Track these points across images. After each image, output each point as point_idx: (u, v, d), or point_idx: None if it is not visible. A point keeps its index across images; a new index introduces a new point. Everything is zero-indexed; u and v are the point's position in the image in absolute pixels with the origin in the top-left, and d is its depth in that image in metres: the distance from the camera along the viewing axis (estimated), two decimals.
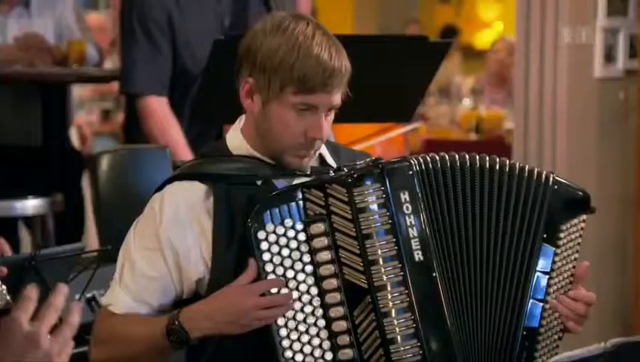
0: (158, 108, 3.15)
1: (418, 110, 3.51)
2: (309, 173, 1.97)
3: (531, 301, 1.96)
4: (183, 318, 1.85)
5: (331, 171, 1.93)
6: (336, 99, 1.91)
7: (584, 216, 2.02)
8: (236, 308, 1.83)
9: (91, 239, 3.51)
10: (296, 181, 1.96)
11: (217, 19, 3.21)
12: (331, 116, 1.94)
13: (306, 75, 1.86)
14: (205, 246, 1.91)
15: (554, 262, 1.98)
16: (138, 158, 2.96)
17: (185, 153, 3.10)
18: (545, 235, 1.97)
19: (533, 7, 3.91)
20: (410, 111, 2.97)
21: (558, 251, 1.98)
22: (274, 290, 1.85)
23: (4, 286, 1.23)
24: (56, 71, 3.72)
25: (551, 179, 1.98)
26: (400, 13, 9.69)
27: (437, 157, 1.92)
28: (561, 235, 1.98)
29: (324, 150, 2.02)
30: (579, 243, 2.02)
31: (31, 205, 3.55)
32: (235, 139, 1.99)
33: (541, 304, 1.97)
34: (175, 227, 1.91)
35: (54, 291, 1.22)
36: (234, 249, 1.89)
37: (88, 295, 2.63)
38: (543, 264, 1.97)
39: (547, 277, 1.97)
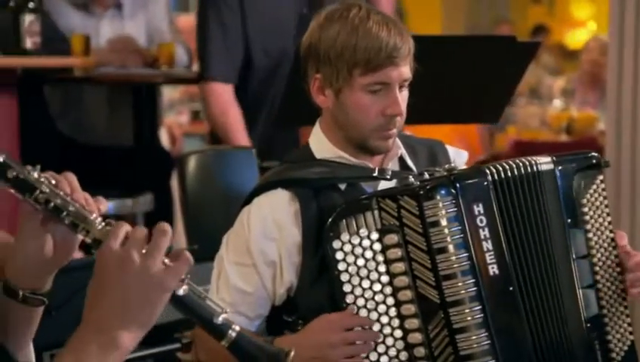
0: (220, 93, 3.18)
1: (507, 111, 3.46)
2: (389, 176, 1.96)
3: (581, 291, 1.92)
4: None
5: (411, 177, 1.91)
6: (406, 72, 1.90)
7: (601, 176, 1.96)
8: (323, 344, 1.83)
9: (180, 239, 3.55)
10: (381, 185, 1.95)
11: (295, 9, 3.20)
12: (405, 92, 1.93)
13: (369, 53, 1.86)
14: (296, 253, 1.91)
15: (588, 240, 1.93)
16: (225, 159, 2.99)
17: (241, 137, 3.12)
18: (569, 220, 1.92)
19: (627, 6, 3.82)
20: (498, 112, 2.93)
21: (588, 227, 1.93)
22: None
23: (99, 218, 1.23)
24: (147, 72, 3.79)
25: (552, 163, 1.92)
26: (490, 13, 9.59)
27: (509, 166, 1.88)
28: (585, 210, 1.94)
29: (403, 151, 2.01)
30: (606, 205, 1.96)
31: (121, 204, 3.62)
32: (318, 140, 1.99)
33: (592, 289, 1.93)
34: (265, 240, 1.92)
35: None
36: (320, 255, 1.89)
37: None
38: (577, 249, 1.92)
39: (587, 260, 1.93)
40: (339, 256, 1.85)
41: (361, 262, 1.85)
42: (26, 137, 3.47)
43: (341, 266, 1.85)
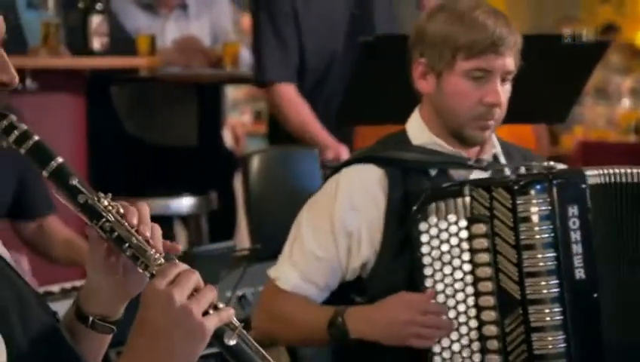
0: (288, 94, 3.18)
1: (573, 110, 3.41)
2: (485, 165, 1.94)
3: None
4: (346, 316, 1.87)
5: (507, 169, 1.89)
6: (509, 63, 1.90)
7: None
8: (396, 320, 1.83)
9: (242, 238, 3.57)
10: (473, 174, 1.94)
11: (346, 9, 3.21)
12: (507, 86, 1.92)
13: (474, 39, 1.87)
14: (376, 230, 1.91)
15: None
16: (288, 159, 3.00)
17: (321, 130, 3.11)
18: None
19: None
20: (564, 112, 2.89)
21: None
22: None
23: (158, 254, 1.22)
24: (211, 72, 3.81)
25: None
26: (557, 11, 9.46)
27: (611, 172, 1.85)
28: None
29: (498, 150, 2.00)
30: None
31: (186, 204, 3.64)
32: (415, 125, 1.99)
33: None
34: (349, 211, 1.92)
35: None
36: (401, 236, 1.88)
37: (239, 293, 2.68)
38: None
39: None
40: (424, 238, 1.85)
41: (445, 247, 1.85)
42: (93, 137, 3.52)
43: (425, 249, 1.85)
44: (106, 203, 1.22)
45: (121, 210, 1.23)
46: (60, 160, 1.21)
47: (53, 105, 3.38)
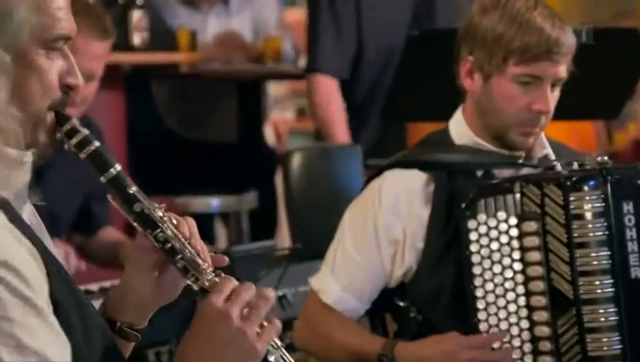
0: (325, 86, 3.15)
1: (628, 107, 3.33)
2: (535, 164, 1.89)
3: None
4: (396, 352, 1.84)
5: (559, 165, 1.84)
6: (562, 71, 1.84)
7: None
8: (452, 359, 1.79)
9: (284, 237, 3.53)
10: (522, 172, 1.89)
11: (409, 5, 3.17)
12: (556, 92, 1.87)
13: (528, 43, 1.81)
14: (419, 237, 1.88)
15: None
16: (329, 156, 2.97)
17: (340, 131, 3.07)
18: None
19: None
20: (617, 108, 2.82)
21: None
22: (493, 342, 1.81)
23: (210, 268, 1.24)
24: (252, 68, 3.78)
25: None
26: (612, 5, 9.31)
27: None
28: None
29: (549, 151, 1.95)
30: None
31: (226, 202, 3.62)
32: (458, 125, 1.94)
33: None
34: (393, 217, 1.89)
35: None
36: (447, 238, 1.85)
37: (280, 293, 2.63)
38: None
39: None
40: (473, 236, 1.81)
41: (495, 245, 1.81)
42: (132, 133, 3.50)
43: (474, 247, 1.81)
44: (160, 213, 1.24)
45: (174, 221, 1.25)
46: (118, 167, 1.22)
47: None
